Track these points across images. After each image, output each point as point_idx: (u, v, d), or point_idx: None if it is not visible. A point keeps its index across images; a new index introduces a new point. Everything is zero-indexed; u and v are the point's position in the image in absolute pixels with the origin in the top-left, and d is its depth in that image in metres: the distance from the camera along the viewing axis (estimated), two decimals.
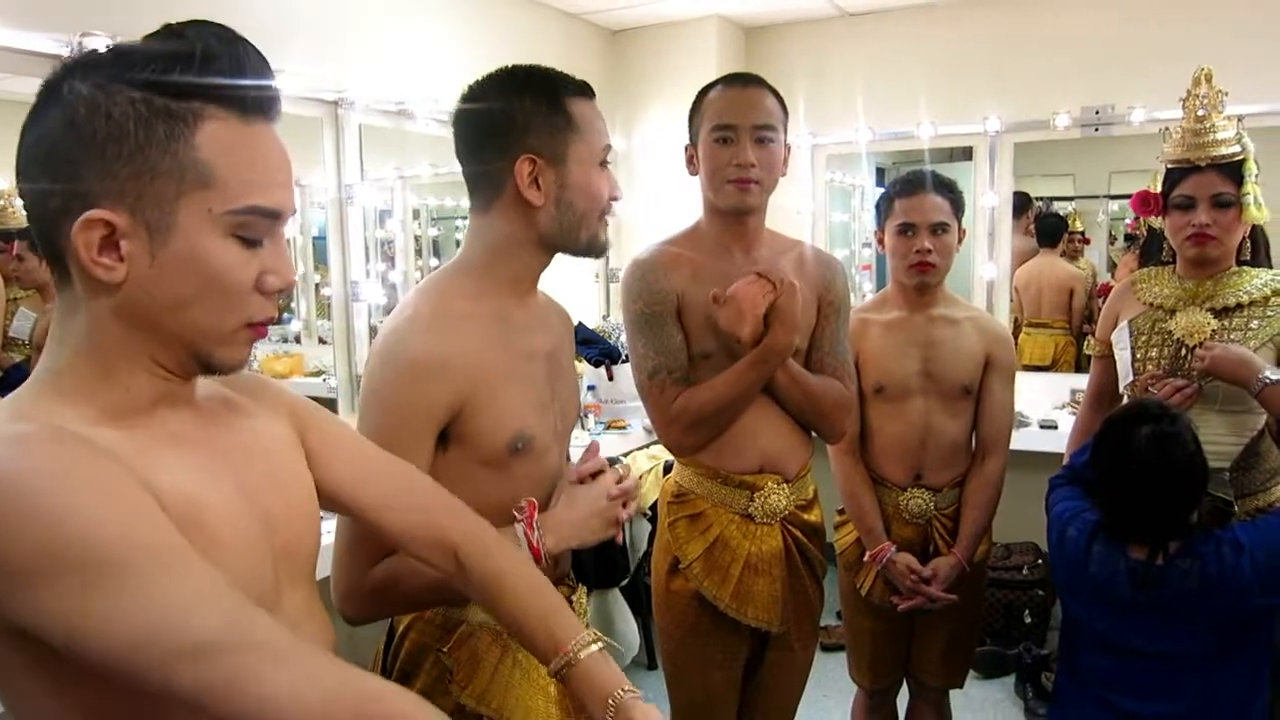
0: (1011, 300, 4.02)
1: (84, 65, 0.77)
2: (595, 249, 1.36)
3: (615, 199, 1.36)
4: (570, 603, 1.39)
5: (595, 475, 1.35)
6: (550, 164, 1.27)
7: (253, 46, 0.82)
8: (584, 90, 1.33)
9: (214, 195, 0.78)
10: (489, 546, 1.10)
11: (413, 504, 1.08)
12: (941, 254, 2.02)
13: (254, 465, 0.89)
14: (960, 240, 2.07)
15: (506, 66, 1.32)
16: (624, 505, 1.35)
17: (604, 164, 1.33)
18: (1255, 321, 1.87)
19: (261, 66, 0.82)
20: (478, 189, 1.32)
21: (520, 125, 1.27)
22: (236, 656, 0.71)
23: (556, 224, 1.30)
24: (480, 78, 1.31)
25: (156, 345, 0.80)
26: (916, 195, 2.02)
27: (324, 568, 1.23)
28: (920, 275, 2.03)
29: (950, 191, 2.04)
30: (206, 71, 0.78)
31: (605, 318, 4.15)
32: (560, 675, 1.05)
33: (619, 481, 1.34)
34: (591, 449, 1.38)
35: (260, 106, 0.82)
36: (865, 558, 2.11)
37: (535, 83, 1.29)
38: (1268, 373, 1.73)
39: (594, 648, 1.05)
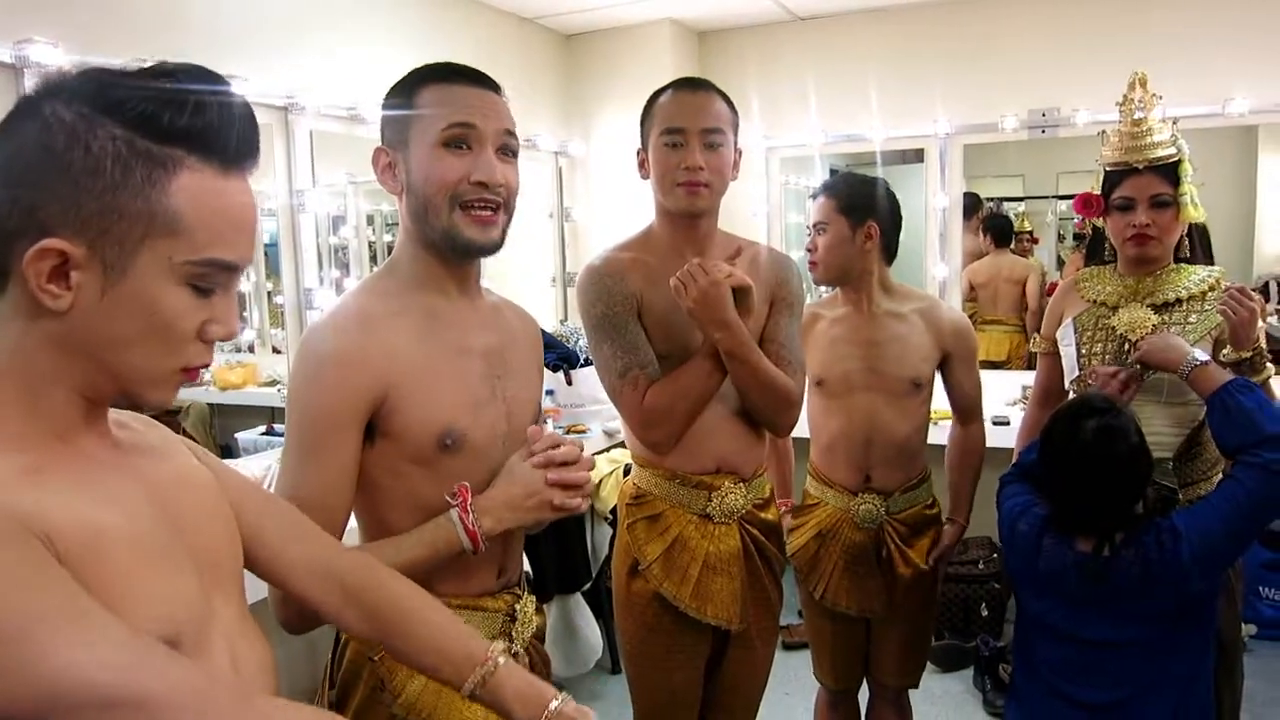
0: (965, 298, 4.09)
1: (71, 89, 0.75)
2: (455, 243, 1.27)
3: (480, 183, 1.25)
4: (514, 612, 1.39)
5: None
6: (398, 151, 1.29)
7: (242, 99, 0.82)
8: (448, 75, 1.28)
9: (178, 244, 0.77)
10: (382, 571, 1.09)
11: (297, 536, 1.05)
12: (819, 250, 2.10)
13: (167, 482, 0.87)
14: (868, 239, 2.07)
15: None
16: (569, 490, 1.30)
17: (457, 145, 1.25)
18: (1194, 316, 1.93)
19: (248, 121, 0.82)
20: None
21: (382, 121, 1.31)
22: (146, 708, 0.69)
23: (410, 212, 1.30)
24: None
25: (86, 376, 0.79)
26: (815, 198, 2.14)
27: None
28: (809, 271, 2.15)
29: (841, 190, 2.10)
30: (196, 120, 0.77)
31: (563, 322, 4.15)
32: (478, 687, 1.04)
33: (563, 464, 1.30)
34: (533, 433, 1.35)
35: (239, 162, 0.81)
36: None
37: (405, 76, 1.31)
38: (1194, 354, 1.78)
39: (506, 656, 1.06)
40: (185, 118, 0.76)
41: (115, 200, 0.74)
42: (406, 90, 1.29)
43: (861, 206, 2.08)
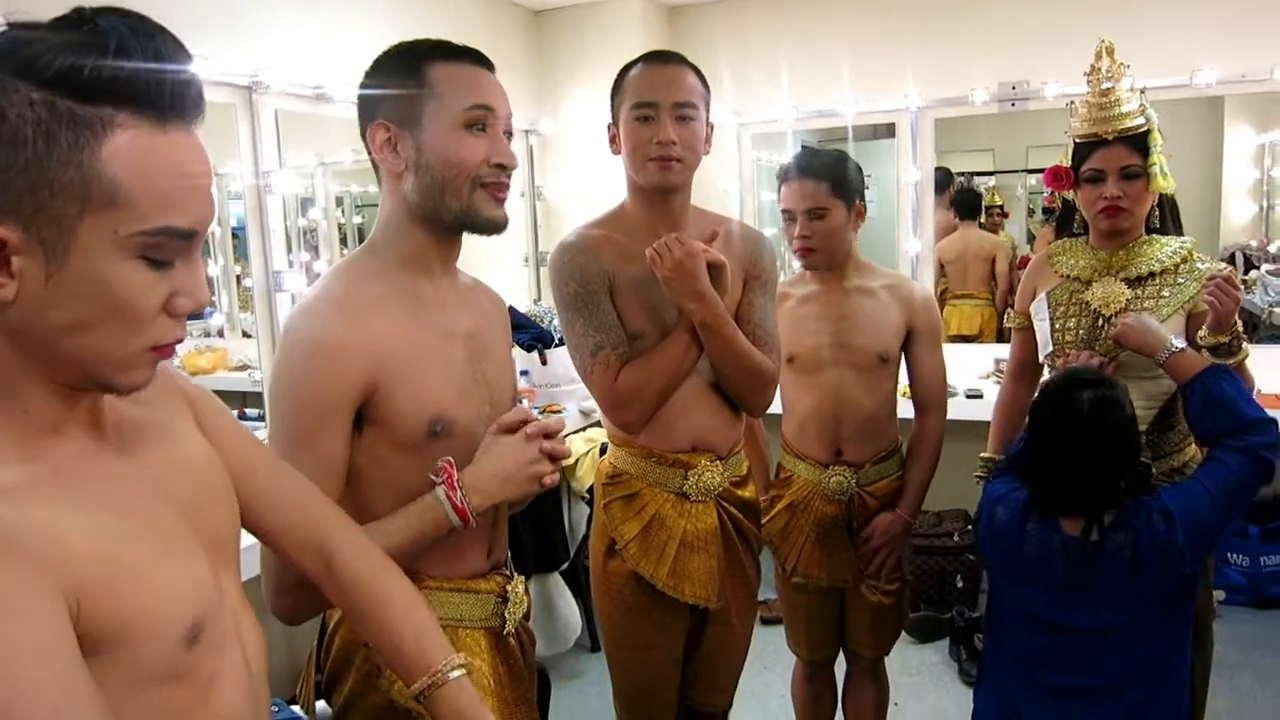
0: (937, 273, 4.11)
1: None
2: (472, 221, 1.29)
3: (501, 165, 1.27)
4: (506, 592, 1.39)
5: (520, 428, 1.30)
6: (404, 129, 1.25)
7: (174, 39, 0.73)
8: (455, 54, 1.28)
9: (121, 215, 0.70)
10: (366, 552, 1.09)
11: (292, 502, 1.05)
12: (820, 236, 2.05)
13: (169, 463, 0.85)
14: (859, 217, 2.08)
15: (392, 45, 1.30)
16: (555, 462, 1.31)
17: (475, 127, 1.26)
18: (1167, 290, 1.93)
19: (183, 62, 0.73)
20: (372, 170, 1.32)
21: (377, 95, 1.27)
22: None
23: (418, 191, 1.26)
24: None
25: (53, 365, 0.73)
26: (792, 182, 2.06)
27: (254, 567, 1.21)
28: (801, 259, 2.09)
29: (831, 173, 2.04)
30: (120, 71, 0.68)
31: (537, 301, 4.13)
32: (424, 695, 1.03)
33: (548, 436, 1.30)
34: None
35: (179, 110, 0.73)
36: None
37: (399, 53, 1.28)
38: (1171, 341, 1.78)
39: (460, 672, 1.04)
40: (108, 67, 0.68)
41: (43, 174, 0.67)
42: (410, 65, 1.25)
43: (852, 187, 2.06)
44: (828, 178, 2.03)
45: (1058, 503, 1.68)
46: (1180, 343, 1.79)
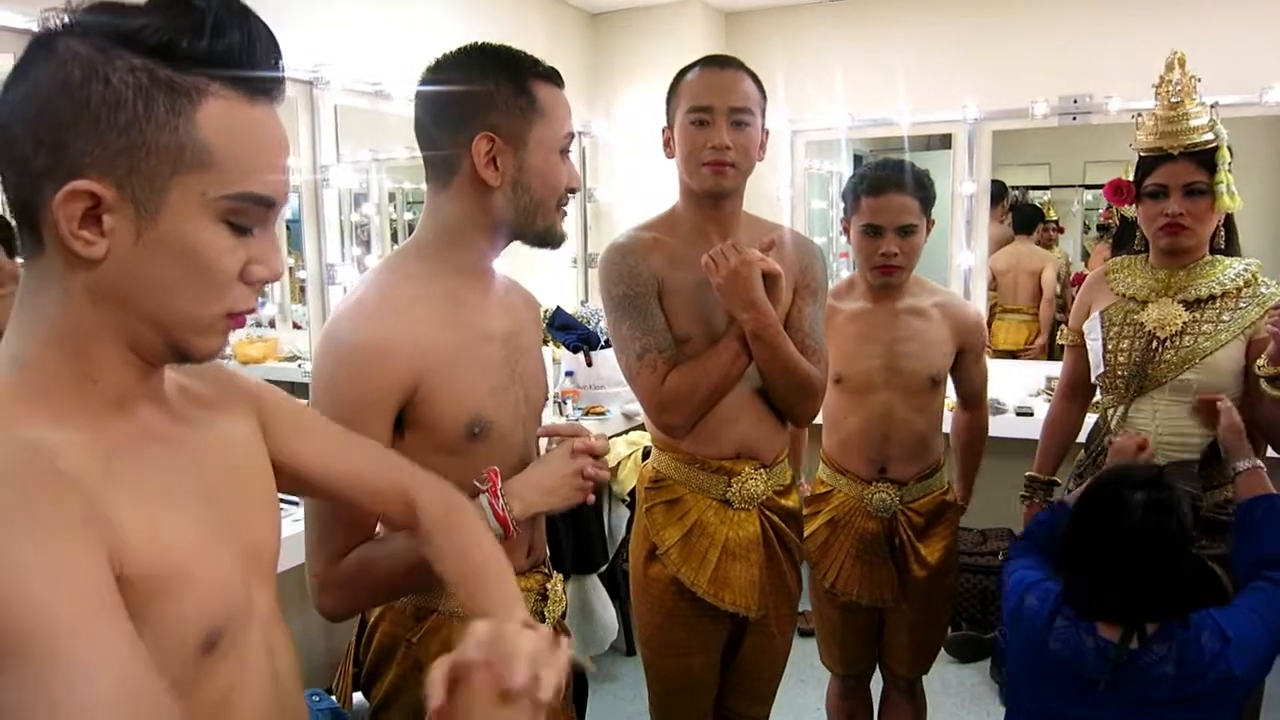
0: (989, 286, 4.04)
1: (84, 23, 0.71)
2: (551, 239, 1.33)
3: (573, 190, 1.32)
4: (545, 590, 1.40)
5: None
6: (510, 144, 1.24)
7: (263, 22, 0.78)
8: (551, 76, 1.29)
9: (210, 178, 0.73)
10: (450, 491, 1.11)
11: (371, 455, 1.08)
12: (908, 254, 2.00)
13: (220, 465, 0.86)
14: (928, 231, 2.04)
15: (475, 43, 1.28)
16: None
17: (565, 152, 1.30)
18: (1227, 314, 1.87)
19: (271, 43, 0.78)
20: (435, 167, 1.29)
21: (483, 103, 1.24)
22: None
23: (511, 208, 1.27)
24: (446, 53, 1.28)
25: (132, 328, 0.75)
26: (884, 196, 1.97)
27: (295, 556, 1.22)
28: (885, 277, 2.02)
29: (920, 187, 1.99)
30: (216, 45, 0.73)
31: (584, 303, 4.14)
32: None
33: (593, 454, 1.32)
34: (566, 428, 1.37)
35: (266, 87, 0.77)
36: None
37: (502, 61, 1.26)
38: (1255, 460, 1.75)
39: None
40: (205, 41, 0.72)
41: (141, 135, 0.70)
42: (519, 80, 1.24)
43: (933, 202, 2.03)
44: (918, 193, 1.99)
45: (1098, 608, 1.55)
46: (1260, 463, 1.76)
